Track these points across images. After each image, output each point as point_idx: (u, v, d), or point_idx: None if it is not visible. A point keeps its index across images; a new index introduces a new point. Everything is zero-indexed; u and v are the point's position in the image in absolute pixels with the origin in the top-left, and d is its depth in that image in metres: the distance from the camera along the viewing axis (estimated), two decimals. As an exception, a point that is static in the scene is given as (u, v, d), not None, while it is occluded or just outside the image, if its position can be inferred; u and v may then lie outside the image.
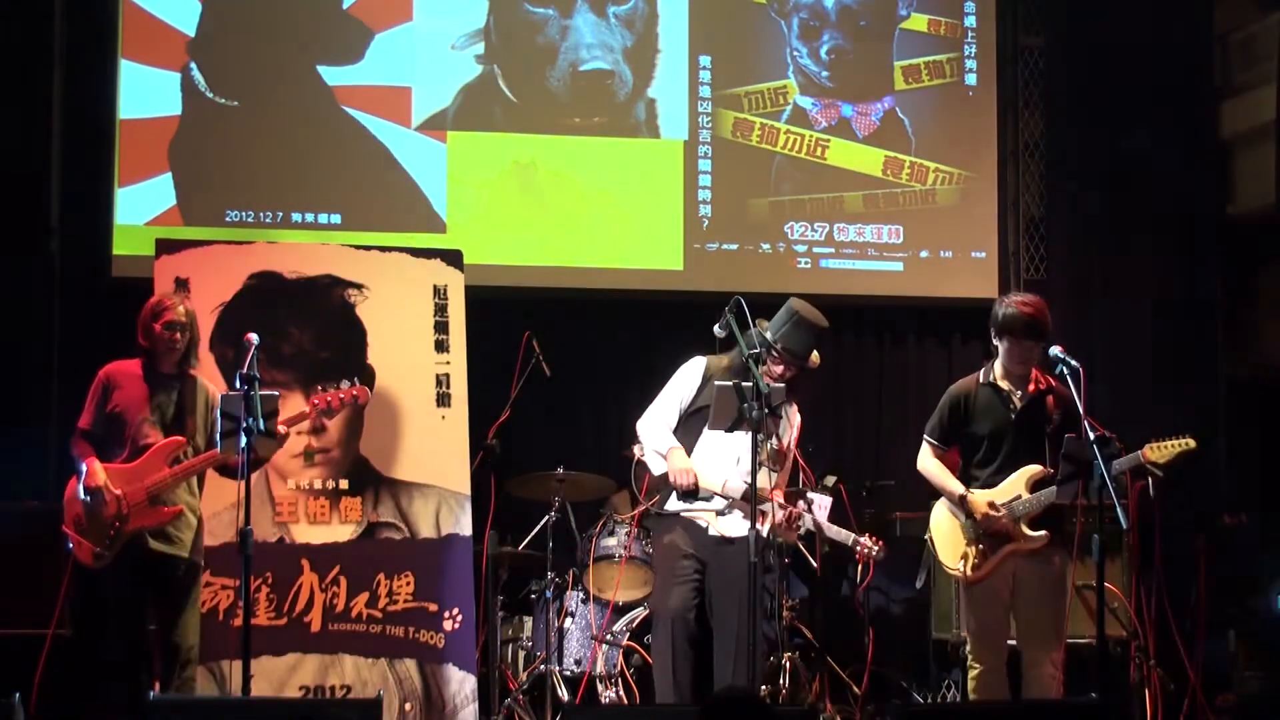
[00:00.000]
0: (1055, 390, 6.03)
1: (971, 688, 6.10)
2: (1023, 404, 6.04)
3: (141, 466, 6.04)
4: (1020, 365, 6.02)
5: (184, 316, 6.13)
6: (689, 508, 6.07)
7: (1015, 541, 5.96)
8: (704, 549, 6.08)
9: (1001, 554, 5.97)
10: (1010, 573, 6.00)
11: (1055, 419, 5.99)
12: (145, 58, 8.04)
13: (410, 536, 6.80)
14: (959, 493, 6.02)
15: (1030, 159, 9.01)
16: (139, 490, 6.00)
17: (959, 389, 6.18)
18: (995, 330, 6.05)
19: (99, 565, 6.02)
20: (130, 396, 6.11)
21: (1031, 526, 5.95)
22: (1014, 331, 5.97)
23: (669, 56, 8.54)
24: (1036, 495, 5.92)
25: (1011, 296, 6.14)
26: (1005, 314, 5.99)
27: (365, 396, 6.41)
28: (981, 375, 6.15)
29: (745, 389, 5.59)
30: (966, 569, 6.02)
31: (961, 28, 8.85)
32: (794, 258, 8.59)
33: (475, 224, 8.29)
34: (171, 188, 8.04)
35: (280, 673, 6.56)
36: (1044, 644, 5.98)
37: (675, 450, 6.08)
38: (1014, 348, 5.99)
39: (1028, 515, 5.94)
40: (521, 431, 7.54)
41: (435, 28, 8.31)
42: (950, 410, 6.15)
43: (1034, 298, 6.11)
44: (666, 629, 6.05)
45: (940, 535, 6.15)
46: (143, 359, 6.18)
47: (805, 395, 6.43)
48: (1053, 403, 6.03)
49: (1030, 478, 5.97)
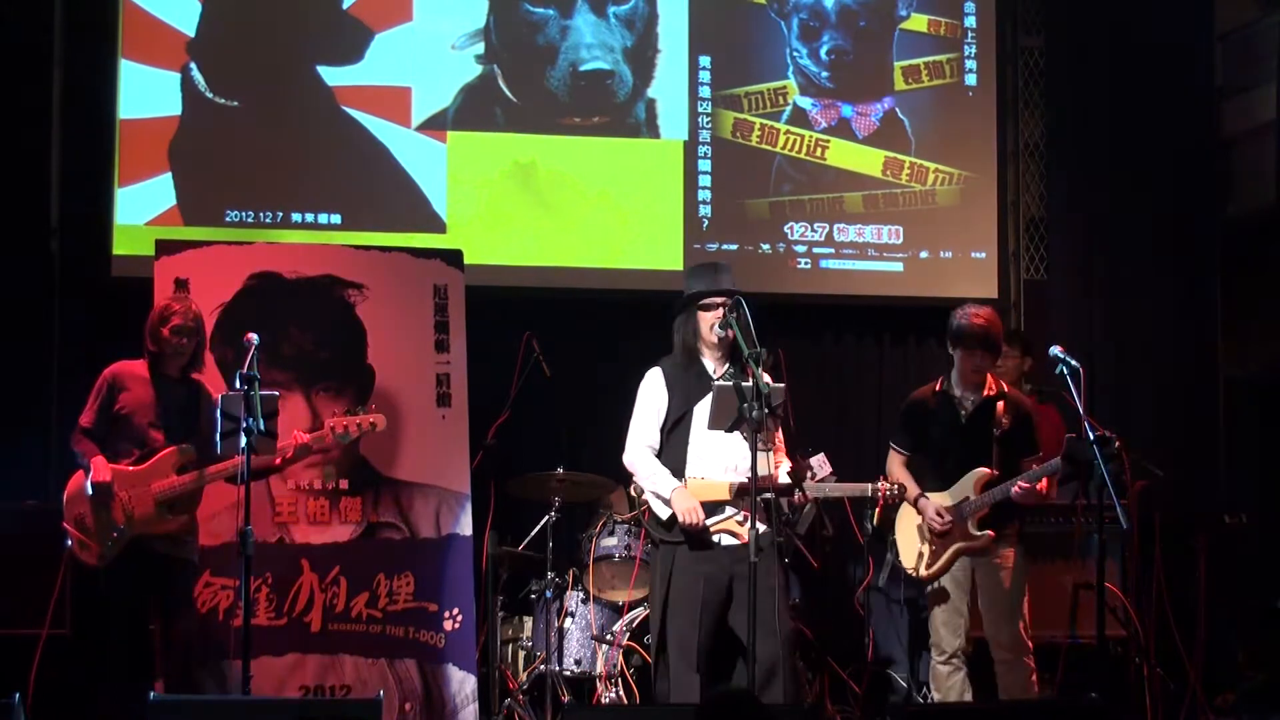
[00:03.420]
0: (1008, 396, 6.33)
1: (932, 681, 6.42)
2: (973, 409, 6.33)
3: (149, 471, 6.04)
4: (974, 374, 6.32)
5: (191, 321, 6.13)
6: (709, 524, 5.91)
7: (963, 540, 6.28)
8: (721, 567, 5.87)
9: (950, 552, 6.30)
10: (968, 572, 6.31)
11: (1005, 424, 6.29)
12: (145, 58, 8.04)
13: (410, 536, 6.81)
14: (915, 494, 6.38)
15: (1030, 159, 9.01)
16: (145, 495, 6.00)
17: (916, 395, 6.53)
18: (950, 340, 6.36)
19: (101, 565, 6.02)
20: (136, 399, 6.12)
21: (979, 526, 6.26)
22: (965, 342, 6.28)
23: (669, 56, 8.54)
24: (982, 496, 6.24)
25: (966, 308, 6.38)
26: (957, 325, 6.31)
27: (382, 424, 6.39)
28: (939, 383, 6.46)
29: (745, 389, 5.58)
30: (920, 567, 6.39)
31: (961, 28, 8.85)
32: (794, 258, 8.59)
33: (475, 224, 8.29)
34: (171, 188, 8.03)
35: (280, 673, 6.56)
36: (1006, 637, 6.25)
37: (678, 491, 5.87)
38: (966, 357, 6.30)
39: (975, 515, 6.25)
40: (521, 431, 7.54)
41: (435, 28, 8.31)
42: (909, 416, 6.51)
43: (987, 310, 6.38)
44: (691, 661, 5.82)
45: (901, 535, 6.52)
46: (149, 362, 6.19)
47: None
48: (1003, 408, 6.32)
49: (979, 480, 6.28)
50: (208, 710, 5.39)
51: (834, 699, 7.57)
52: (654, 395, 6.01)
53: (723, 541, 5.88)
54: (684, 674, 5.79)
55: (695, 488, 5.87)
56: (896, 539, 6.55)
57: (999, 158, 8.85)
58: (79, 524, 6.03)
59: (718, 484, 5.88)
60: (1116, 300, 8.81)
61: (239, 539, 5.67)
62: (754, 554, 5.50)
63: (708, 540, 5.86)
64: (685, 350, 6.00)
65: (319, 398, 6.80)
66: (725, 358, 5.98)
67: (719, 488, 5.87)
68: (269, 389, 5.86)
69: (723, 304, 5.92)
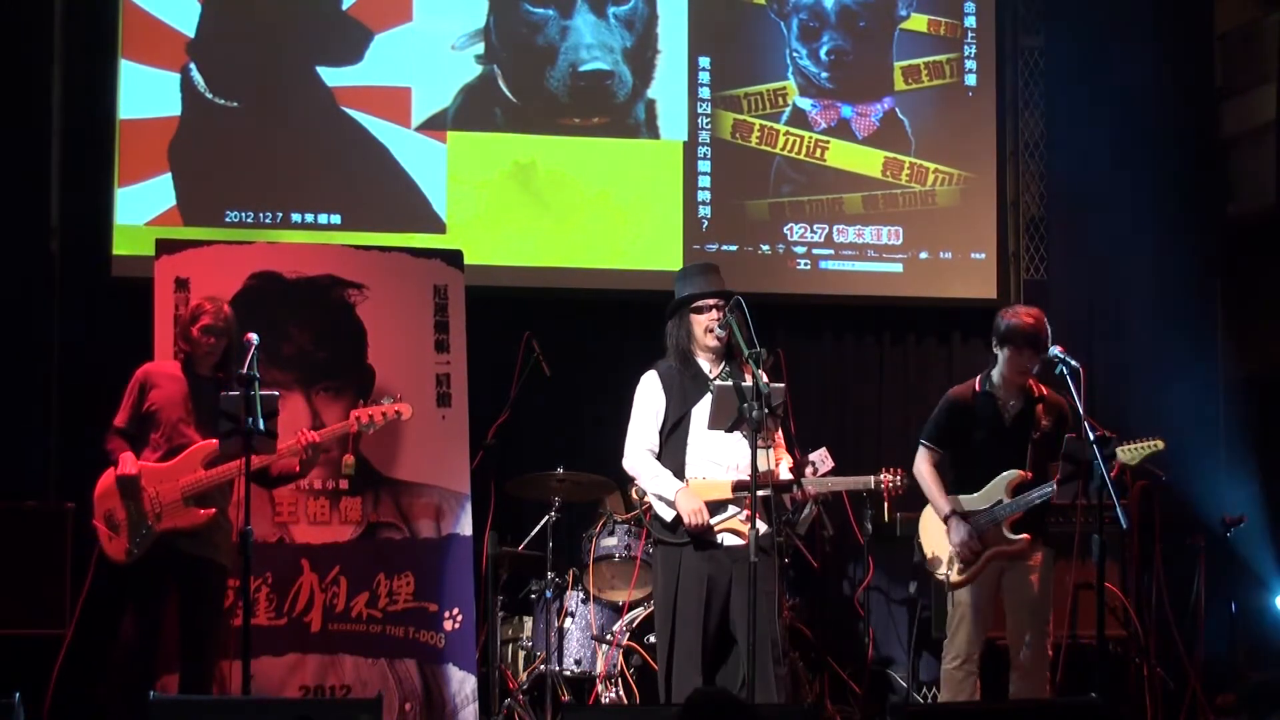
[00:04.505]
0: (1047, 399, 6.23)
1: (942, 682, 6.32)
2: (1015, 412, 6.24)
3: (177, 467, 6.05)
4: (1019, 375, 6.21)
5: (221, 321, 6.14)
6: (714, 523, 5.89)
7: (997, 545, 6.17)
8: (724, 568, 5.85)
9: (985, 558, 6.19)
10: (996, 575, 6.22)
11: (1044, 427, 6.20)
12: (145, 58, 8.04)
13: (410, 536, 6.81)
14: (945, 511, 6.24)
15: (1030, 159, 9.01)
16: (173, 490, 6.01)
17: (956, 395, 6.38)
18: (997, 340, 6.23)
19: (128, 560, 6.03)
20: (167, 396, 6.13)
21: (1013, 529, 6.17)
22: (1015, 342, 6.16)
23: (668, 57, 8.54)
24: (1017, 499, 6.15)
25: (1015, 307, 6.31)
26: (1007, 325, 6.19)
27: (408, 412, 6.39)
28: (978, 383, 6.34)
29: (745, 389, 5.57)
30: (952, 573, 6.25)
31: (961, 28, 8.85)
32: (793, 259, 8.59)
33: (475, 224, 8.29)
34: (171, 188, 8.03)
35: (280, 673, 6.56)
36: (1031, 641, 6.18)
37: (682, 493, 5.84)
38: (1014, 357, 6.17)
39: (1009, 518, 6.16)
40: (521, 431, 7.54)
41: (435, 28, 8.31)
42: (948, 416, 6.35)
43: (1035, 309, 6.29)
44: (694, 665, 5.80)
45: (928, 539, 6.38)
46: (182, 361, 6.22)
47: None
48: (1042, 410, 6.23)
49: (1011, 482, 6.19)
50: (208, 710, 5.39)
51: (834, 699, 7.57)
52: (651, 398, 5.99)
53: (725, 541, 5.86)
54: (689, 675, 5.79)
55: (697, 487, 5.86)
56: (923, 542, 6.41)
57: (999, 158, 8.85)
58: (109, 519, 6.04)
59: (720, 483, 5.87)
60: (1116, 300, 8.81)
61: (239, 539, 5.69)
62: (754, 554, 5.49)
63: (712, 540, 5.86)
64: (679, 353, 5.98)
65: (319, 398, 6.80)
66: (720, 358, 5.97)
67: (721, 487, 5.86)
68: (269, 389, 5.87)
69: (716, 305, 5.92)
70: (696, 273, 6.11)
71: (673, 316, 6.02)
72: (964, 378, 6.59)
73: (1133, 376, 8.63)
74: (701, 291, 5.97)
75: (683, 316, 5.99)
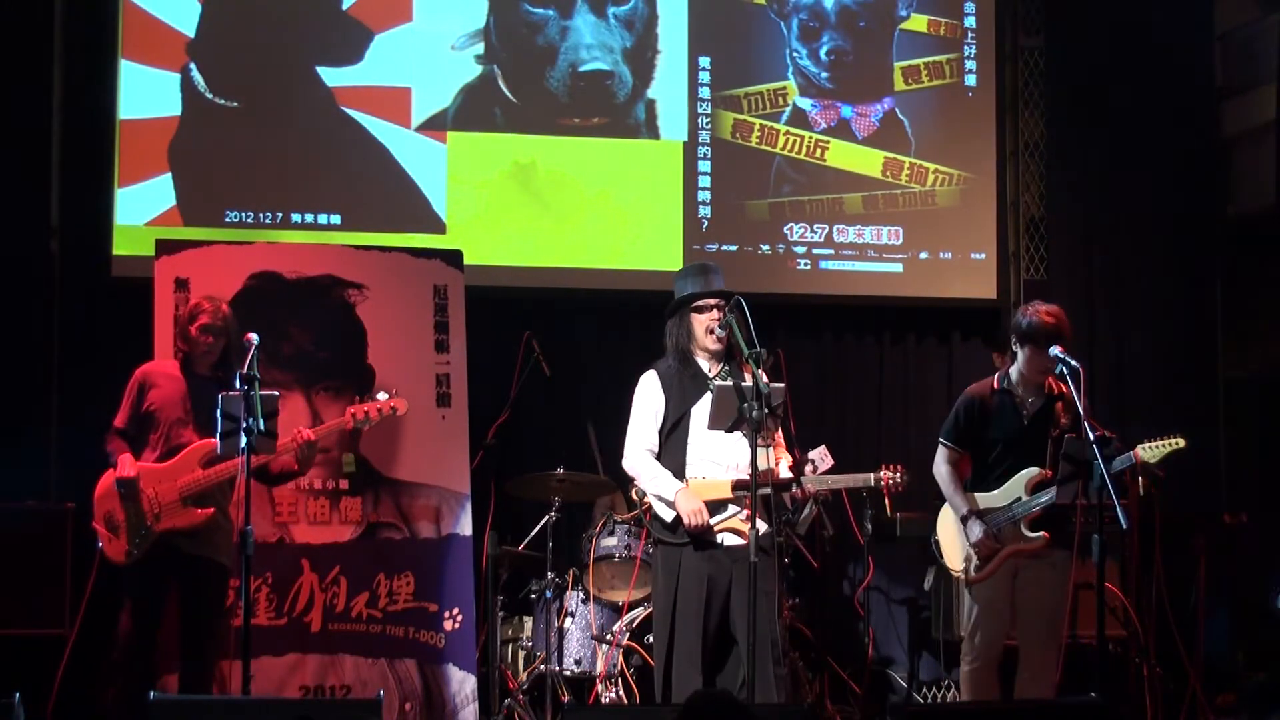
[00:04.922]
0: (1064, 396, 6.15)
1: (963, 683, 6.27)
2: (1035, 410, 6.20)
3: (174, 467, 6.05)
4: (1039, 374, 6.16)
5: (220, 321, 6.15)
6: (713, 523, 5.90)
7: (1015, 543, 6.13)
8: (724, 568, 5.85)
9: (1002, 555, 6.15)
10: (1012, 573, 6.18)
11: (1063, 424, 6.14)
12: (145, 58, 8.04)
13: (410, 536, 6.81)
14: (963, 511, 6.20)
15: (1030, 159, 9.01)
16: (171, 490, 6.01)
17: (975, 393, 6.33)
18: (1017, 338, 6.18)
19: (128, 561, 6.03)
20: (165, 396, 6.14)
21: (1031, 527, 6.12)
22: (1036, 340, 6.09)
23: (668, 57, 8.54)
24: (1036, 497, 6.10)
25: (1035, 304, 6.23)
26: (1028, 323, 6.12)
27: (403, 408, 6.40)
28: (996, 381, 6.30)
29: (745, 389, 5.57)
30: (970, 570, 6.21)
31: (961, 28, 8.85)
32: (793, 259, 8.59)
33: (475, 224, 8.29)
34: (171, 188, 8.03)
35: (280, 673, 6.57)
36: (1041, 643, 6.15)
37: (682, 493, 5.84)
38: (1035, 356, 6.11)
39: (1028, 517, 6.11)
40: (521, 431, 7.53)
41: (435, 28, 8.31)
42: (966, 414, 6.30)
43: (1055, 307, 6.22)
44: (695, 666, 5.80)
45: (946, 537, 6.34)
46: (181, 361, 6.23)
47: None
48: (1061, 408, 6.18)
49: (1030, 480, 6.14)
50: (208, 710, 5.39)
51: (834, 699, 7.57)
52: (650, 398, 5.98)
53: (725, 541, 5.86)
54: (689, 675, 5.79)
55: (697, 487, 5.86)
56: (940, 540, 6.38)
57: (999, 158, 8.85)
58: (108, 521, 6.05)
59: (719, 483, 5.87)
60: (1116, 300, 8.81)
61: (239, 539, 5.69)
62: (754, 554, 5.49)
63: (712, 540, 5.85)
64: (679, 353, 5.98)
65: (319, 398, 6.80)
66: (720, 358, 5.97)
67: (721, 486, 5.86)
68: (269, 389, 5.87)
69: (716, 305, 5.92)
70: (696, 272, 6.11)
71: (672, 316, 6.02)
72: (964, 377, 6.60)
73: (1133, 376, 8.63)
74: (702, 291, 5.97)
75: (683, 316, 5.99)
